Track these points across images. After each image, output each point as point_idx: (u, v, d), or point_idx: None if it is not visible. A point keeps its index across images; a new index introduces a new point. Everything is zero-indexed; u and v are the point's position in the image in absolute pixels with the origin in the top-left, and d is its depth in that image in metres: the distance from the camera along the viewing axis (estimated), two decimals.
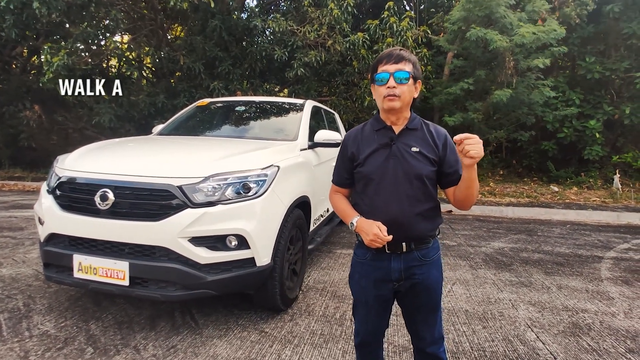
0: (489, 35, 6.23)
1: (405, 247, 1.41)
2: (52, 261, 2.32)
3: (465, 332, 2.47)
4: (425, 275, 1.44)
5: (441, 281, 1.50)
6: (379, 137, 1.44)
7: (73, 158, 2.49)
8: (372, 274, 1.46)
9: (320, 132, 3.36)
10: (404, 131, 1.43)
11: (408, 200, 1.38)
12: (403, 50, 1.42)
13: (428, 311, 1.49)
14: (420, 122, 1.46)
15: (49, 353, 2.09)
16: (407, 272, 1.43)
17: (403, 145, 1.40)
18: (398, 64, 1.37)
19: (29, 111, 9.23)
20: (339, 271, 3.53)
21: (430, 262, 1.44)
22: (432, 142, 1.40)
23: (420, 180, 1.38)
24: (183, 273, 2.09)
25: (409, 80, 1.37)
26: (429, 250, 1.44)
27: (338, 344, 2.29)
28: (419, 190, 1.38)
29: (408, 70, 1.37)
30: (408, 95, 1.38)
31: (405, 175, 1.38)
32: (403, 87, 1.36)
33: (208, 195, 2.17)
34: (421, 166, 1.38)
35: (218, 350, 2.18)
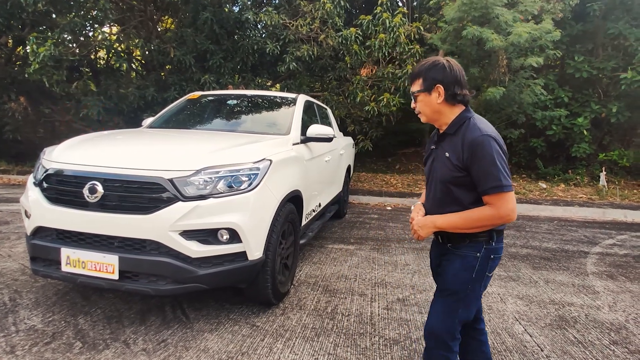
0: (484, 34, 6.25)
1: (440, 239, 1.54)
2: (39, 255, 2.28)
3: None
4: (448, 263, 1.49)
5: (461, 276, 1.45)
6: (433, 141, 1.57)
7: (61, 150, 2.44)
8: None
9: (312, 126, 3.35)
10: (442, 136, 1.50)
11: (435, 201, 1.51)
12: (416, 67, 1.51)
13: (437, 292, 1.57)
14: (459, 125, 1.44)
15: (36, 348, 2.06)
16: (439, 257, 1.56)
17: (441, 150, 1.48)
18: (411, 85, 1.52)
19: (14, 103, 8.99)
20: (330, 266, 3.54)
21: (458, 254, 1.47)
22: (461, 147, 1.39)
23: (444, 185, 1.45)
24: (174, 267, 2.08)
25: (419, 95, 1.48)
26: (462, 246, 1.47)
27: (329, 337, 2.30)
28: (444, 193, 1.46)
29: (415, 89, 1.49)
30: (426, 108, 1.48)
31: (436, 179, 1.49)
32: (418, 105, 1.51)
33: (199, 188, 2.15)
34: (445, 172, 1.44)
35: (209, 344, 2.17)
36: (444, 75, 1.42)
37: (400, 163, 11.36)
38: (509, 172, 1.36)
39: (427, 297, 2.92)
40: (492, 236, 1.44)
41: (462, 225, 1.41)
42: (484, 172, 1.34)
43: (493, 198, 1.35)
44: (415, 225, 1.52)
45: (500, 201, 1.34)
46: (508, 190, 1.34)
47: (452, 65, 1.44)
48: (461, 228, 1.42)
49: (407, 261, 3.77)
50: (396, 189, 8.00)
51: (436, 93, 1.44)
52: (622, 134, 9.66)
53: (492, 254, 1.44)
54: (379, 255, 3.91)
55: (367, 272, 3.42)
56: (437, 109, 1.46)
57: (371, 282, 3.18)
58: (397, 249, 4.15)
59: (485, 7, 6.41)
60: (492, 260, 1.45)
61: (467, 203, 1.42)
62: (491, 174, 1.33)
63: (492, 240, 1.44)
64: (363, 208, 6.51)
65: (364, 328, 2.42)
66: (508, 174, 1.35)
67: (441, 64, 1.44)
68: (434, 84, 1.43)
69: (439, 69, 1.43)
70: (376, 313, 2.63)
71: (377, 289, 3.04)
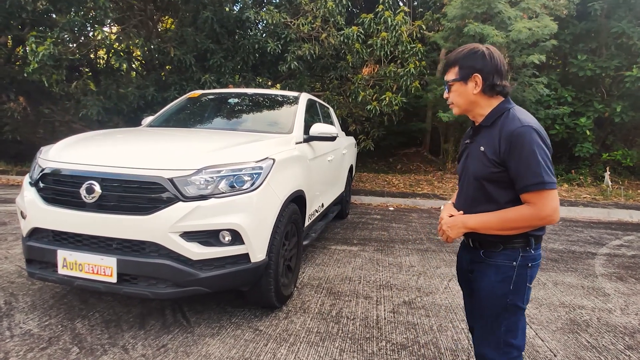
0: (485, 30, 6.19)
1: (471, 243, 1.40)
2: (35, 257, 2.21)
3: (463, 329, 2.43)
4: (481, 275, 1.35)
5: (498, 289, 1.30)
6: (468, 135, 1.45)
7: (57, 149, 2.37)
8: None
9: (315, 125, 3.28)
10: (478, 129, 1.38)
11: (467, 200, 1.38)
12: (452, 54, 1.38)
13: (478, 315, 1.39)
14: (497, 117, 1.30)
15: (32, 353, 1.99)
16: (471, 265, 1.42)
17: (476, 144, 1.36)
18: (445, 73, 1.40)
19: (14, 103, 8.93)
20: (334, 267, 3.47)
21: (492, 264, 1.32)
22: (498, 140, 1.26)
23: (478, 181, 1.32)
24: (174, 269, 2.00)
25: (454, 85, 1.36)
26: (494, 254, 1.32)
27: (335, 342, 2.23)
28: (478, 191, 1.33)
29: (449, 78, 1.37)
30: (460, 98, 1.36)
31: (470, 175, 1.37)
32: (451, 95, 1.38)
33: (200, 188, 2.08)
34: (480, 167, 1.31)
35: (211, 349, 2.10)
36: (484, 63, 1.29)
37: (401, 163, 11.30)
38: (552, 168, 1.22)
39: (433, 299, 2.85)
40: (529, 241, 1.29)
41: (497, 226, 1.27)
42: (523, 167, 1.21)
43: (533, 196, 1.21)
44: (444, 225, 1.38)
45: (542, 200, 1.20)
46: (550, 188, 1.20)
47: (493, 53, 1.31)
48: (495, 229, 1.28)
49: (412, 263, 3.69)
50: (398, 189, 7.93)
51: (473, 83, 1.31)
52: (625, 133, 9.59)
53: (530, 261, 1.29)
54: (383, 257, 3.84)
55: (372, 274, 3.35)
56: (472, 100, 1.33)
57: (376, 285, 3.11)
58: (401, 250, 4.08)
59: (488, 3, 6.34)
60: (531, 269, 1.30)
61: (502, 202, 1.28)
62: (531, 169, 1.20)
63: (529, 246, 1.29)
64: (365, 208, 6.43)
65: (370, 332, 2.35)
66: (551, 169, 1.21)
67: (481, 52, 1.31)
68: (471, 72, 1.31)
69: (478, 57, 1.30)
70: (382, 316, 2.55)
71: (382, 292, 2.97)
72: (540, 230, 1.30)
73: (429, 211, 6.39)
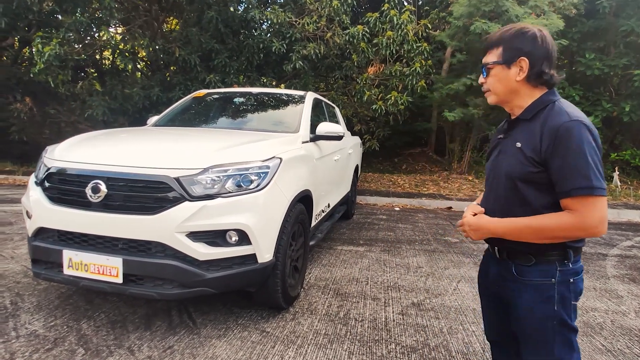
0: (492, 28, 6.13)
1: (497, 254, 1.23)
2: (41, 257, 2.19)
3: (474, 332, 2.38)
4: (517, 296, 1.18)
5: (539, 312, 1.13)
6: (502, 129, 1.28)
7: (63, 148, 2.35)
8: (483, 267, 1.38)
9: (322, 124, 3.24)
10: (515, 122, 1.20)
11: (496, 202, 1.21)
12: (496, 32, 1.20)
13: (522, 340, 1.21)
14: (539, 110, 1.13)
15: (37, 354, 1.97)
16: (501, 280, 1.24)
17: (511, 140, 1.18)
18: (486, 54, 1.21)
19: (20, 103, 8.97)
20: (340, 268, 3.43)
21: (527, 283, 1.15)
22: (540, 136, 1.09)
23: (511, 182, 1.14)
24: (180, 270, 1.97)
25: (494, 68, 1.18)
26: (527, 269, 1.15)
27: (343, 344, 2.18)
28: (510, 193, 1.15)
29: (490, 60, 1.19)
30: (499, 85, 1.18)
31: (501, 174, 1.19)
32: (489, 80, 1.21)
33: (207, 187, 2.05)
34: (514, 166, 1.13)
35: (217, 351, 2.06)
36: (533, 46, 1.12)
37: (406, 163, 11.23)
38: (602, 172, 1.05)
39: (442, 301, 2.80)
40: (566, 254, 1.12)
41: (529, 235, 1.10)
42: (568, 168, 1.03)
43: (577, 202, 1.03)
44: (467, 225, 1.22)
45: (587, 207, 1.03)
46: (600, 194, 1.02)
47: (545, 36, 1.14)
48: (527, 238, 1.11)
49: (419, 263, 3.64)
50: (404, 190, 7.87)
51: (517, 68, 1.14)
52: (634, 133, 9.47)
53: (571, 276, 1.12)
54: (390, 257, 3.79)
55: (379, 274, 3.31)
56: (514, 88, 1.16)
57: (383, 286, 3.06)
58: (408, 251, 4.03)
59: (495, 1, 6.27)
60: (574, 284, 1.13)
61: (538, 206, 1.10)
62: (578, 171, 1.02)
63: (567, 259, 1.12)
64: (371, 209, 6.39)
65: (379, 334, 2.30)
66: (602, 173, 1.05)
67: (532, 33, 1.13)
68: (517, 56, 1.13)
69: (528, 39, 1.13)
70: (391, 318, 2.51)
71: (390, 293, 2.93)
72: (579, 242, 1.13)
73: (435, 211, 6.33)
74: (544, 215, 1.09)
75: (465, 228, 1.23)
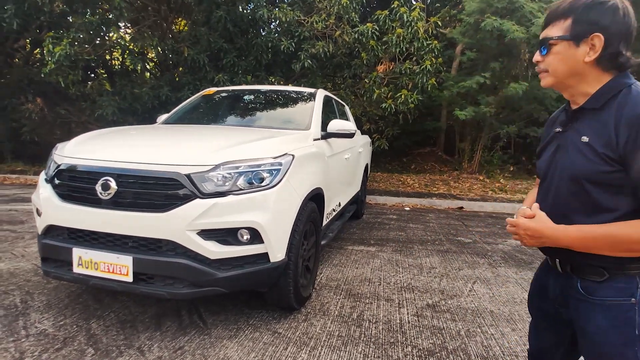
0: (505, 25, 6.01)
1: (559, 267, 1.05)
2: (51, 255, 2.16)
3: (493, 334, 2.30)
4: (585, 318, 0.99)
5: (614, 337, 0.95)
6: (560, 121, 1.08)
7: (73, 145, 2.33)
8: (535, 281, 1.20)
9: (333, 121, 3.18)
10: (580, 112, 1.00)
11: (556, 207, 1.01)
12: (562, 1, 0.99)
13: None
14: (611, 96, 0.94)
15: (47, 354, 1.93)
16: (563, 299, 1.06)
17: (574, 133, 0.99)
18: (546, 28, 1.00)
19: (31, 104, 9.07)
20: (352, 268, 3.36)
21: (598, 303, 0.97)
22: (614, 127, 0.90)
23: (577, 184, 0.96)
24: (191, 269, 1.93)
25: (558, 45, 0.97)
26: (598, 286, 0.97)
27: (358, 346, 2.12)
28: (576, 197, 0.97)
29: (553, 34, 0.97)
30: (561, 65, 0.97)
31: (563, 175, 1.00)
32: (548, 58, 0.99)
33: (218, 184, 2.00)
34: (582, 164, 0.95)
35: (229, 352, 2.01)
36: (613, 20, 0.92)
37: (415, 163, 11.12)
38: None
39: (458, 302, 2.72)
40: None
41: (605, 246, 0.91)
42: None
43: None
44: (522, 229, 1.01)
45: None
46: None
47: (628, 8, 0.93)
48: (601, 249, 0.92)
49: (432, 264, 3.56)
50: (413, 189, 7.77)
51: (587, 46, 0.93)
52: None
53: None
54: (402, 258, 3.71)
55: (392, 275, 3.23)
56: (579, 70, 0.96)
57: (397, 286, 2.99)
58: (420, 251, 3.94)
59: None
60: None
61: (613, 213, 0.92)
62: None
63: None
64: (380, 208, 6.30)
65: (394, 337, 2.23)
66: None
67: (612, 3, 0.93)
68: (590, 31, 0.92)
69: (608, 11, 0.92)
70: (406, 320, 2.44)
71: (403, 294, 2.85)
72: None
73: (446, 211, 6.22)
74: (625, 223, 0.90)
75: (519, 231, 1.02)
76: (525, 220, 1.01)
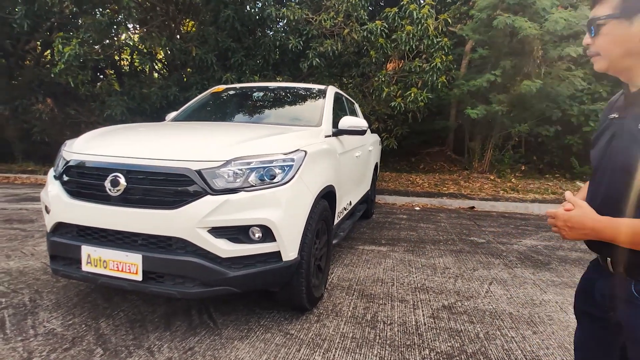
0: (517, 22, 5.88)
1: (610, 267, 0.97)
2: (59, 253, 2.12)
3: (514, 337, 2.21)
4: (633, 321, 0.91)
5: None
6: (617, 106, 0.99)
7: (82, 141, 2.29)
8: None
9: (345, 118, 3.12)
10: (636, 97, 0.92)
11: (608, 200, 0.93)
12: None
13: None
14: None
15: (55, 354, 1.89)
16: (614, 302, 0.97)
17: (632, 120, 0.90)
18: (594, 7, 0.93)
19: (42, 104, 9.15)
20: (363, 268, 3.29)
21: None
22: None
23: (630, 176, 0.87)
24: (202, 267, 1.87)
25: (607, 24, 0.89)
26: None
27: (373, 348, 2.04)
28: (632, 191, 0.88)
29: (603, 12, 0.90)
30: (615, 47, 0.89)
31: (617, 166, 0.91)
32: (598, 40, 0.92)
33: (229, 181, 1.94)
34: (636, 154, 0.86)
35: (240, 353, 1.95)
36: None
37: (424, 163, 10.98)
38: None
39: (475, 304, 2.63)
40: None
41: None
42: None
43: None
44: (562, 220, 0.95)
45: None
46: None
47: None
48: None
49: (446, 264, 3.47)
50: (423, 189, 7.66)
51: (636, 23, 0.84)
52: None
53: None
54: (415, 258, 3.62)
55: (405, 275, 3.15)
56: (635, 50, 0.87)
57: (411, 287, 2.91)
58: (433, 251, 3.85)
59: None
60: None
61: None
62: None
63: None
64: (390, 208, 6.21)
65: (410, 339, 2.15)
66: None
67: None
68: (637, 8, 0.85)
69: None
70: (422, 322, 2.36)
71: (418, 295, 2.77)
72: None
73: (457, 211, 6.11)
74: None
75: (558, 223, 0.96)
76: (563, 212, 0.95)
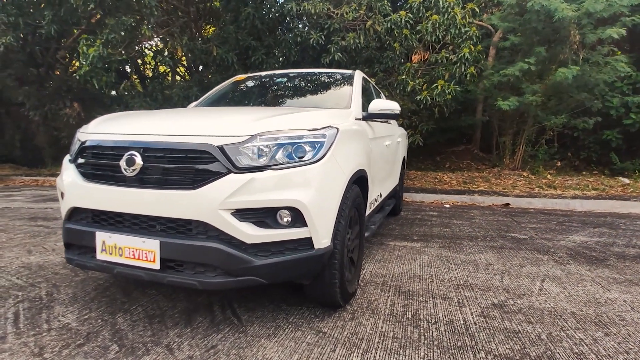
0: (553, 4, 5.49)
1: None
2: (74, 241, 1.97)
3: (583, 339, 1.89)
4: None
5: None
6: None
7: (97, 122, 2.15)
8: None
9: (375, 101, 2.87)
10: None
11: None
12: None
13: None
14: None
15: (67, 350, 1.73)
16: None
17: None
18: None
19: (69, 109, 9.36)
20: (397, 264, 3.02)
21: None
22: None
23: None
24: (225, 255, 1.67)
25: None
26: None
27: (419, 350, 1.78)
28: None
29: None
30: None
31: None
32: None
33: (254, 158, 1.74)
34: None
35: (268, 352, 1.73)
36: None
37: (450, 161, 10.54)
38: None
39: (530, 302, 2.32)
40: None
41: None
42: None
43: None
44: None
45: None
46: None
47: None
48: None
49: (488, 260, 3.15)
50: (451, 187, 7.29)
51: None
52: None
53: None
54: (453, 254, 3.32)
55: (444, 272, 2.86)
56: None
57: (452, 284, 2.62)
58: (471, 247, 3.53)
59: None
60: None
61: None
62: None
63: None
64: (418, 206, 5.90)
65: (460, 340, 1.88)
66: None
67: None
68: None
69: None
70: (471, 321, 2.07)
71: (462, 292, 2.48)
72: None
73: (490, 208, 5.73)
74: None
75: None
76: None
